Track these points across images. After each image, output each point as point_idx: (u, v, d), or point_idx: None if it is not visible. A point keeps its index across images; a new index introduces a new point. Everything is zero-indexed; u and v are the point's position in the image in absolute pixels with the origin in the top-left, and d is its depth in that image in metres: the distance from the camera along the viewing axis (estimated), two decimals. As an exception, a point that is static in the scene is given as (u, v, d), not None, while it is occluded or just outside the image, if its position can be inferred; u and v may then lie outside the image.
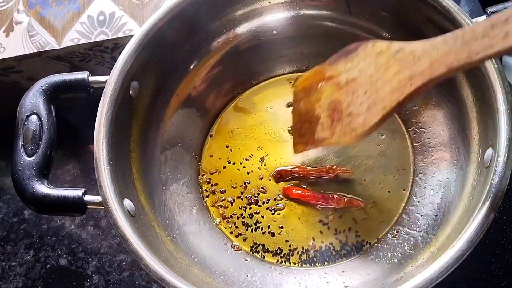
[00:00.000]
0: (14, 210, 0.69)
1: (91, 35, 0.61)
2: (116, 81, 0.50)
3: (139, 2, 0.63)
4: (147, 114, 0.56)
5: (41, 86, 0.50)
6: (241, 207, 0.59)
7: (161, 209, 0.54)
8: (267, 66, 0.66)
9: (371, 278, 0.51)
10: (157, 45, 0.54)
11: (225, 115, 0.65)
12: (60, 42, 0.62)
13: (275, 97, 0.65)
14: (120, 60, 0.50)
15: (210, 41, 0.61)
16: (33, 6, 0.65)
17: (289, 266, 0.55)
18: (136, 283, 0.62)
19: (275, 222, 0.57)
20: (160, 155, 0.58)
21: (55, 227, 0.67)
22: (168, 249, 0.49)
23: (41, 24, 0.63)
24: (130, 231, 0.43)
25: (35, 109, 0.49)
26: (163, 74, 0.57)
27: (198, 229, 0.57)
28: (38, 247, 0.66)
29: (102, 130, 0.47)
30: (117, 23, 0.61)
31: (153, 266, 0.42)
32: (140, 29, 0.52)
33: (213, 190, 0.60)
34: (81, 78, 0.51)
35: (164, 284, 0.41)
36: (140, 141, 0.55)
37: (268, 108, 0.64)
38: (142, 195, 0.52)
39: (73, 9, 0.64)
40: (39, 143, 0.48)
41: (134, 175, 0.52)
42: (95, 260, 0.64)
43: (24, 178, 0.47)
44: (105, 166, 0.46)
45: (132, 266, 0.63)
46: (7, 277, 0.65)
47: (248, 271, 0.54)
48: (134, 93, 0.53)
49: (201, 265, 0.52)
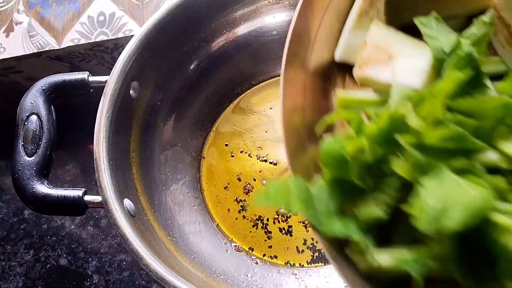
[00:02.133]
0: (14, 210, 0.69)
1: (91, 35, 0.61)
2: (116, 81, 0.50)
3: (139, 2, 0.63)
4: (147, 114, 0.56)
5: (41, 86, 0.50)
6: (241, 207, 0.59)
7: (161, 209, 0.54)
8: (267, 66, 0.66)
9: (371, 278, 0.51)
10: (157, 45, 0.54)
11: (225, 115, 0.65)
12: (60, 42, 0.62)
13: (275, 97, 0.65)
14: (120, 60, 0.51)
15: (210, 41, 0.61)
16: (33, 6, 0.65)
17: (289, 266, 0.55)
18: (136, 283, 0.62)
19: (275, 222, 0.57)
20: (160, 155, 0.58)
21: (55, 227, 0.67)
22: (168, 249, 0.49)
23: (41, 24, 0.63)
24: (130, 231, 0.43)
25: (35, 109, 0.49)
26: (163, 74, 0.57)
27: (198, 229, 0.57)
28: (38, 247, 0.66)
29: (102, 130, 0.47)
30: (117, 24, 0.61)
31: (153, 266, 0.42)
32: (140, 29, 0.53)
33: (213, 190, 0.60)
34: (81, 78, 0.51)
35: (164, 284, 0.41)
36: (140, 141, 0.55)
37: (268, 108, 0.64)
38: (142, 195, 0.52)
39: (73, 9, 0.64)
40: (39, 143, 0.48)
41: (134, 175, 0.52)
42: (95, 260, 0.64)
43: (24, 178, 0.47)
44: (105, 166, 0.46)
45: (132, 266, 0.63)
46: (7, 277, 0.65)
47: (248, 271, 0.54)
48: (134, 93, 0.53)
49: (201, 265, 0.52)
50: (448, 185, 0.27)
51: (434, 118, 0.29)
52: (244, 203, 0.59)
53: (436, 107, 0.29)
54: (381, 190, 0.30)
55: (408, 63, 0.34)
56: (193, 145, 0.62)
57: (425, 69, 0.33)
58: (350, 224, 0.30)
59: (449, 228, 0.25)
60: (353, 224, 0.30)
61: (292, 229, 0.57)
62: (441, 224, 0.25)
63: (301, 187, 0.31)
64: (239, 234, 0.57)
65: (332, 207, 0.30)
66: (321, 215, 0.30)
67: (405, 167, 0.28)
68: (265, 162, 0.61)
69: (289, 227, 0.57)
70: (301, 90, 0.37)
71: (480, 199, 0.26)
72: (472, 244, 0.28)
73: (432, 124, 0.29)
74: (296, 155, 0.35)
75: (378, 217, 0.29)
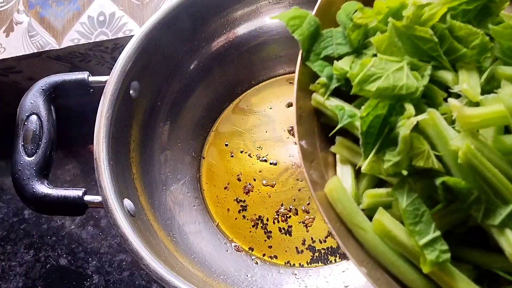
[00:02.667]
0: (14, 210, 0.69)
1: (91, 35, 0.61)
2: (116, 81, 0.50)
3: (139, 2, 0.63)
4: (147, 114, 0.56)
5: (41, 86, 0.50)
6: (241, 207, 0.59)
7: (161, 209, 0.54)
8: (267, 66, 0.66)
9: (371, 278, 0.51)
10: (157, 45, 0.54)
11: (225, 115, 0.65)
12: (60, 42, 0.62)
13: (275, 97, 0.65)
14: (120, 60, 0.51)
15: (210, 41, 0.61)
16: (33, 6, 0.65)
17: (289, 266, 0.55)
18: (136, 283, 0.62)
19: (275, 222, 0.57)
20: (160, 155, 0.58)
21: (55, 227, 0.67)
22: (168, 249, 0.49)
23: (41, 24, 0.63)
24: (130, 231, 0.43)
25: (35, 109, 0.49)
26: (163, 74, 0.57)
27: (198, 229, 0.57)
28: (38, 247, 0.66)
29: (102, 130, 0.47)
30: (117, 24, 0.62)
31: (153, 266, 0.42)
32: (140, 29, 0.53)
33: (213, 190, 0.60)
34: (81, 78, 0.51)
35: (164, 284, 0.42)
36: (140, 141, 0.55)
37: (268, 108, 0.64)
38: (142, 195, 0.52)
39: (73, 9, 0.64)
40: (39, 143, 0.48)
41: (134, 175, 0.52)
42: (95, 260, 0.64)
43: (24, 178, 0.47)
44: (105, 166, 0.46)
45: (132, 266, 0.63)
46: (7, 277, 0.65)
47: (248, 271, 0.54)
48: (134, 93, 0.53)
49: (201, 265, 0.52)
50: (394, 66, 0.34)
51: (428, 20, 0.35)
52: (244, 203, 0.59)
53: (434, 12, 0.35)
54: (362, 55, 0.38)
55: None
56: (193, 145, 0.62)
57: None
58: (326, 69, 0.38)
59: (367, 89, 0.33)
60: (328, 69, 0.38)
61: (292, 229, 0.57)
62: (365, 84, 0.33)
63: (314, 23, 0.38)
64: (239, 234, 0.57)
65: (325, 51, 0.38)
66: (313, 52, 0.39)
67: (380, 41, 0.36)
68: (265, 162, 0.61)
69: (289, 227, 0.57)
70: None
71: (407, 86, 0.33)
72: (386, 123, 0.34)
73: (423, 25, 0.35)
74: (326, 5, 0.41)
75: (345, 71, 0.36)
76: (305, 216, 0.57)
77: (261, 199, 0.59)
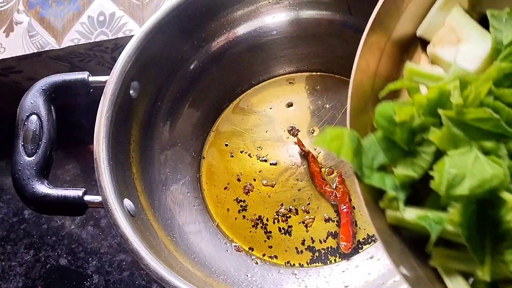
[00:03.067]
0: (14, 210, 0.69)
1: (91, 35, 0.61)
2: (116, 81, 0.50)
3: (139, 2, 0.63)
4: (147, 114, 0.56)
5: (41, 86, 0.50)
6: (241, 207, 0.59)
7: (161, 209, 0.54)
8: (267, 66, 0.66)
9: (371, 278, 0.51)
10: (157, 45, 0.54)
11: (225, 115, 0.65)
12: (60, 42, 0.62)
13: (275, 97, 0.65)
14: (120, 60, 0.50)
15: (210, 41, 0.61)
16: (33, 6, 0.65)
17: (289, 266, 0.55)
18: (136, 283, 0.62)
19: (275, 222, 0.57)
20: (160, 155, 0.58)
21: (55, 227, 0.67)
22: (168, 249, 0.49)
23: (41, 24, 0.63)
24: (130, 231, 0.43)
25: (35, 109, 0.49)
26: (163, 74, 0.57)
27: (198, 229, 0.57)
28: (38, 247, 0.66)
29: (102, 130, 0.47)
30: (117, 24, 0.62)
31: (153, 266, 0.42)
32: (140, 29, 0.52)
33: (213, 190, 0.60)
34: (81, 78, 0.51)
35: (164, 284, 0.42)
36: (140, 141, 0.55)
37: (268, 108, 0.64)
38: (142, 195, 0.52)
39: (73, 9, 0.64)
40: (39, 143, 0.48)
41: (134, 175, 0.52)
42: (95, 260, 0.64)
43: (24, 178, 0.47)
44: (105, 166, 0.46)
45: (132, 266, 0.63)
46: (7, 277, 0.65)
47: (248, 271, 0.54)
48: (134, 93, 0.53)
49: (201, 265, 0.52)
50: (470, 159, 0.31)
51: (476, 99, 0.32)
52: (244, 203, 0.59)
53: (480, 90, 0.32)
54: (419, 155, 0.34)
55: (470, 48, 0.37)
56: (193, 145, 0.62)
57: (482, 57, 0.36)
58: (388, 179, 0.34)
59: (459, 193, 0.30)
60: (390, 180, 0.34)
61: (291, 229, 0.57)
62: (453, 189, 0.30)
63: (354, 138, 0.35)
64: (239, 234, 0.57)
65: (376, 161, 0.35)
66: (365, 166, 0.35)
67: (440, 137, 0.32)
68: (265, 162, 0.61)
69: (289, 227, 0.57)
70: (377, 55, 0.40)
71: (494, 176, 0.30)
72: (485, 218, 0.31)
73: (473, 105, 0.32)
74: (357, 113, 0.38)
75: (411, 177, 0.33)
76: (305, 216, 0.57)
77: (261, 199, 0.59)
